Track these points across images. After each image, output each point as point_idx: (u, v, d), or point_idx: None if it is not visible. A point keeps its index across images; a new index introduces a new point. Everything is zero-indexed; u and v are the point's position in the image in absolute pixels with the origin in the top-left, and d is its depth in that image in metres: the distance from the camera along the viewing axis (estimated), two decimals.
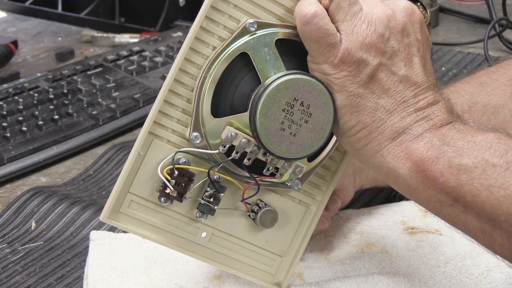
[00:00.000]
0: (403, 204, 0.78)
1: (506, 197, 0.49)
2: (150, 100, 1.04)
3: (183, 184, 0.57)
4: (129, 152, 0.92)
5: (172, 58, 1.18)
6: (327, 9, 0.55)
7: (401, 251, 0.71)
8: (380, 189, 0.83)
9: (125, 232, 0.77)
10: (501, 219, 0.49)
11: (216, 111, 0.57)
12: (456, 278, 0.67)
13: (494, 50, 1.23)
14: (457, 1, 1.49)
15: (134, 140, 0.97)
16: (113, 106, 1.02)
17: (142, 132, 0.56)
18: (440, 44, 1.27)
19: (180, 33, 1.28)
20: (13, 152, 0.91)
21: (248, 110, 0.56)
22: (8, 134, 0.94)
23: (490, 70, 0.81)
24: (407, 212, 0.76)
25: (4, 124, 0.97)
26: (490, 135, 0.52)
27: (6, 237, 0.78)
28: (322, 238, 0.74)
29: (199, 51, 0.56)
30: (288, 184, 0.61)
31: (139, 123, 1.03)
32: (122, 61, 1.16)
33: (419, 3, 1.20)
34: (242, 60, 0.56)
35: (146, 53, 1.19)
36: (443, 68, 1.16)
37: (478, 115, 0.75)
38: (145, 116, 1.00)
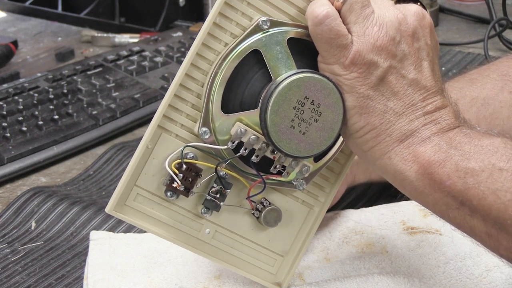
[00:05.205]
0: (403, 204, 0.78)
1: None
2: (150, 100, 1.04)
3: (190, 179, 0.57)
4: (129, 152, 0.94)
5: (172, 58, 1.18)
6: (339, 11, 0.55)
7: (401, 251, 0.71)
8: (381, 189, 0.83)
9: (125, 232, 0.77)
10: (507, 223, 0.50)
11: (226, 107, 0.57)
12: (456, 278, 0.67)
13: (494, 50, 1.23)
14: (457, 1, 1.49)
15: (134, 140, 0.98)
16: (113, 106, 1.02)
17: (151, 125, 0.56)
18: (440, 44, 1.26)
19: (180, 33, 1.28)
20: (13, 152, 0.91)
21: (259, 107, 0.56)
22: (8, 134, 0.94)
23: (481, 68, 0.81)
24: (407, 212, 0.76)
25: (4, 124, 0.97)
26: (496, 139, 0.52)
27: (6, 237, 0.78)
28: (322, 238, 0.74)
29: (211, 47, 0.56)
30: (294, 183, 0.61)
31: (139, 123, 1.03)
32: (122, 61, 1.16)
33: (419, 3, 1.20)
34: (254, 58, 0.56)
35: (146, 53, 1.19)
36: (443, 68, 1.16)
37: (466, 107, 0.74)
38: (145, 116, 1.02)
